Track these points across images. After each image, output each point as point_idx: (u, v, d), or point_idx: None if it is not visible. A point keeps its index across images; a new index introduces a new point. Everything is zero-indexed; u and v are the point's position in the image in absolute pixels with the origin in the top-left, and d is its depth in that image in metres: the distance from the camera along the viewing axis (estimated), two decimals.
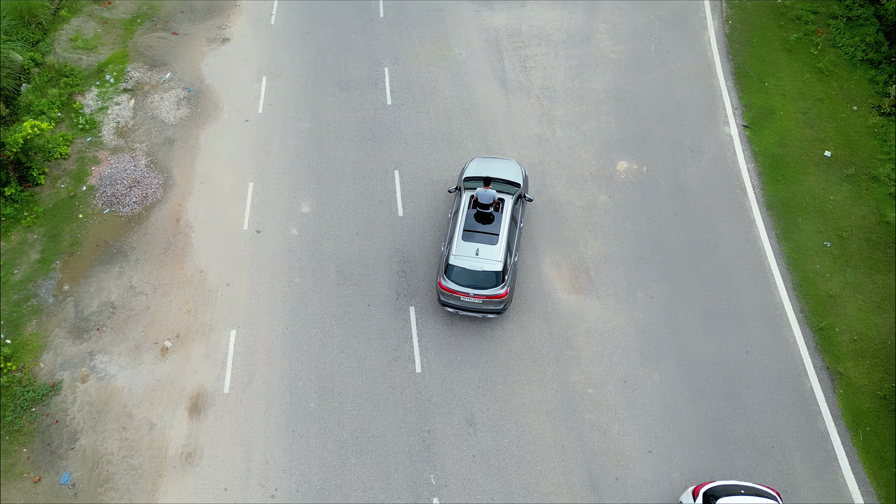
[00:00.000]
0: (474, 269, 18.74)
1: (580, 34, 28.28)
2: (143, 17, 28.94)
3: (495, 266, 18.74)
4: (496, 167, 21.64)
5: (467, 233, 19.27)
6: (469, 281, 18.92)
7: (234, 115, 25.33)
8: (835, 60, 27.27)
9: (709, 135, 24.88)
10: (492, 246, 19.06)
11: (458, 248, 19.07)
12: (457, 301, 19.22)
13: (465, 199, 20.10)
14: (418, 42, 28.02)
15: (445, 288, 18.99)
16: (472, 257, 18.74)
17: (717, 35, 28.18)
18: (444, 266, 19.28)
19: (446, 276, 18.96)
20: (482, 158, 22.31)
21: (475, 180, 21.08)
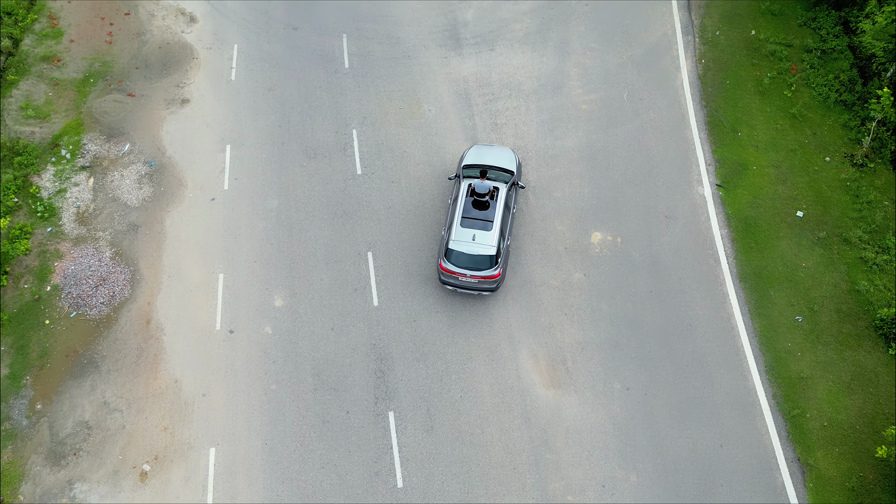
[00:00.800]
0: (471, 252, 20.62)
1: (551, 82, 27.16)
2: (95, 77, 27.18)
3: (490, 250, 20.67)
4: (492, 155, 23.09)
5: (465, 219, 21.10)
6: (466, 263, 20.86)
7: (199, 193, 24.17)
8: (808, 103, 26.51)
9: (682, 197, 24.29)
10: (487, 232, 20.92)
11: (456, 234, 20.93)
12: (455, 280, 21.07)
13: (464, 188, 21.74)
14: (386, 97, 26.72)
15: (445, 269, 20.89)
16: (470, 242, 20.67)
17: (690, 77, 27.19)
18: (444, 250, 21.13)
19: (446, 259, 20.86)
20: (480, 146, 23.74)
21: (473, 167, 22.64)
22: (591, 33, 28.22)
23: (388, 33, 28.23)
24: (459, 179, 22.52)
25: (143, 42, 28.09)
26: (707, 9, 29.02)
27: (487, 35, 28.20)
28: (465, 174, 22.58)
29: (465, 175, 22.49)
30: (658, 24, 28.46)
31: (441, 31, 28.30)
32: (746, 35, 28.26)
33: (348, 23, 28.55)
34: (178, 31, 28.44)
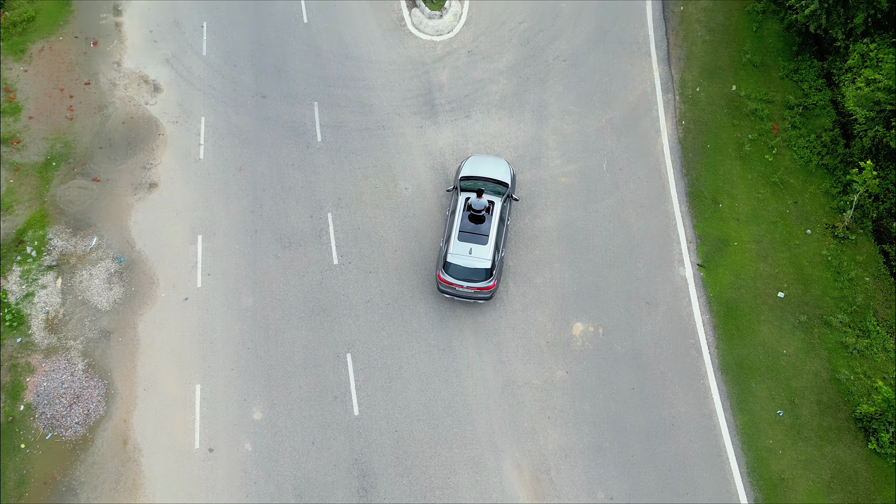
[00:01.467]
0: (468, 266, 21.64)
1: (530, 152, 26.03)
2: (58, 160, 25.76)
3: (485, 264, 21.71)
4: (488, 166, 23.66)
5: (462, 233, 22.03)
6: (463, 275, 21.81)
7: (171, 293, 23.19)
8: (790, 167, 25.70)
9: (664, 279, 23.63)
10: (483, 246, 21.89)
11: (454, 248, 21.85)
12: (453, 290, 22.10)
13: (461, 202, 22.55)
14: (361, 175, 25.57)
15: (444, 280, 21.91)
16: (467, 256, 21.67)
17: (671, 141, 26.20)
18: (442, 262, 22.07)
19: (444, 271, 21.86)
20: (476, 157, 24.20)
21: (470, 179, 23.32)
22: (569, 94, 27.07)
23: (360, 100, 26.92)
24: (457, 191, 23.18)
25: (105, 116, 26.62)
26: (687, 61, 27.88)
27: (463, 100, 26.98)
28: (462, 186, 23.20)
29: (462, 187, 23.16)
30: (638, 80, 27.33)
31: (415, 97, 27.04)
32: (727, 91, 27.23)
33: (319, 88, 27.19)
34: (141, 102, 26.94)
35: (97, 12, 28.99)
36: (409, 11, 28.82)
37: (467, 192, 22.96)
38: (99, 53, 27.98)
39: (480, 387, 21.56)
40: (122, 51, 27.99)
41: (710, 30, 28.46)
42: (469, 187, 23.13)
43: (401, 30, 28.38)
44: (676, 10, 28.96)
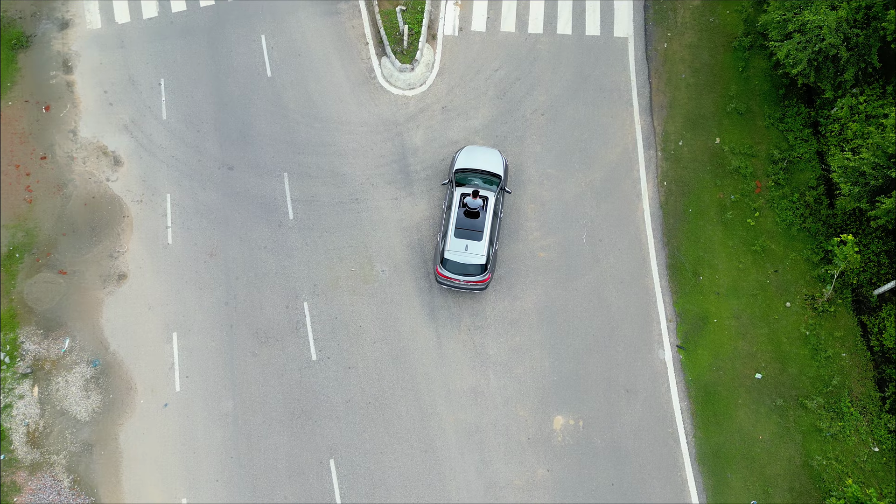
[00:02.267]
0: (464, 262, 22.21)
1: (508, 224, 24.30)
2: (20, 250, 24.40)
3: (480, 259, 22.28)
4: (481, 158, 23.73)
5: (458, 230, 22.37)
6: (460, 270, 22.34)
7: (150, 399, 22.50)
8: (772, 231, 24.83)
9: (643, 364, 23.02)
10: (478, 242, 22.32)
11: (451, 244, 22.28)
12: (450, 283, 22.63)
13: (457, 197, 22.76)
14: (336, 257, 24.43)
15: (442, 275, 22.45)
16: (463, 252, 22.19)
17: (652, 205, 25.10)
18: (440, 258, 22.46)
19: (442, 266, 22.34)
20: (470, 147, 24.17)
21: (464, 172, 23.37)
22: (547, 155, 25.71)
23: (332, 169, 25.43)
24: (452, 185, 23.25)
25: (66, 197, 25.10)
26: (670, 110, 26.41)
27: (439, 164, 25.52)
28: (456, 179, 23.29)
29: (456, 180, 23.25)
30: (619, 136, 25.90)
31: (389, 163, 25.55)
32: (711, 144, 25.95)
33: (288, 157, 25.61)
34: (102, 178, 25.33)
35: (46, 69, 26.83)
36: (378, 61, 26.87)
37: (462, 185, 23.16)
38: (52, 120, 26.10)
39: (464, 490, 21.56)
40: (77, 116, 26.10)
41: (695, 70, 26.86)
42: (463, 180, 23.28)
43: (371, 83, 26.55)
44: (660, 47, 27.21)
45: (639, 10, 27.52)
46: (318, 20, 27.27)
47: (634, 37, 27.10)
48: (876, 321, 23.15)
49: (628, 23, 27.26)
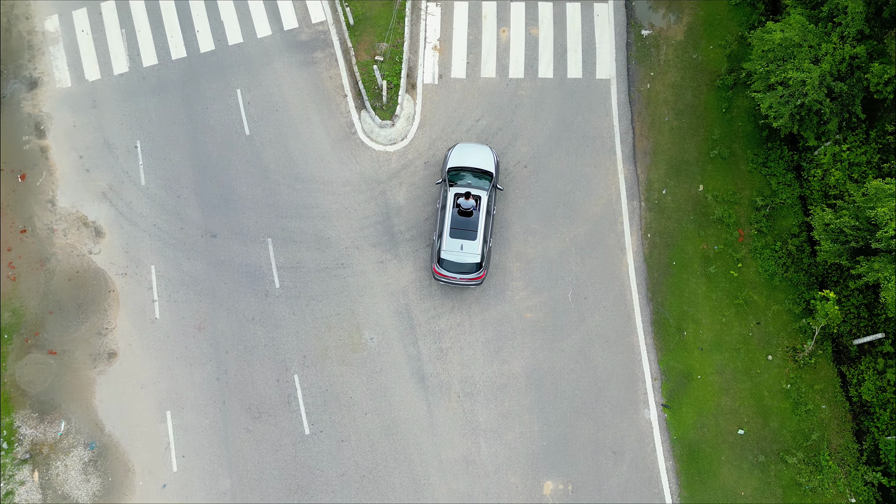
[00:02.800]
0: (460, 261, 22.70)
1: (494, 283, 23.78)
2: (9, 331, 23.98)
3: (475, 258, 22.75)
4: (473, 155, 23.78)
5: (454, 230, 22.70)
6: (456, 269, 22.78)
7: (148, 480, 22.35)
8: (754, 281, 24.66)
9: (630, 424, 22.82)
10: (472, 241, 22.68)
11: (447, 245, 22.65)
12: (446, 280, 23.08)
13: (451, 197, 22.89)
14: (324, 326, 24.13)
15: (439, 273, 22.91)
16: (458, 251, 22.67)
17: (636, 260, 24.78)
18: (437, 258, 22.82)
19: (439, 265, 22.83)
20: (462, 146, 24.04)
21: (457, 170, 23.48)
22: (531, 209, 25.22)
23: (316, 233, 24.88)
24: (445, 183, 23.33)
25: (49, 273, 24.58)
26: (654, 156, 25.88)
27: (423, 224, 24.94)
28: (450, 178, 23.38)
29: (449, 179, 23.36)
30: (602, 186, 25.36)
31: (374, 224, 24.96)
32: (694, 192, 25.54)
33: (271, 221, 25.01)
34: (85, 251, 24.76)
35: (18, 134, 25.84)
36: (358, 115, 26.03)
37: (455, 184, 23.27)
38: (29, 190, 25.33)
39: None
40: (54, 185, 25.33)
41: (678, 112, 26.21)
42: (456, 178, 23.38)
43: (351, 139, 25.81)
44: (643, 88, 26.48)
45: (621, 48, 26.67)
46: (295, 71, 26.30)
47: (617, 78, 26.34)
48: (855, 372, 23.35)
49: (610, 63, 26.46)
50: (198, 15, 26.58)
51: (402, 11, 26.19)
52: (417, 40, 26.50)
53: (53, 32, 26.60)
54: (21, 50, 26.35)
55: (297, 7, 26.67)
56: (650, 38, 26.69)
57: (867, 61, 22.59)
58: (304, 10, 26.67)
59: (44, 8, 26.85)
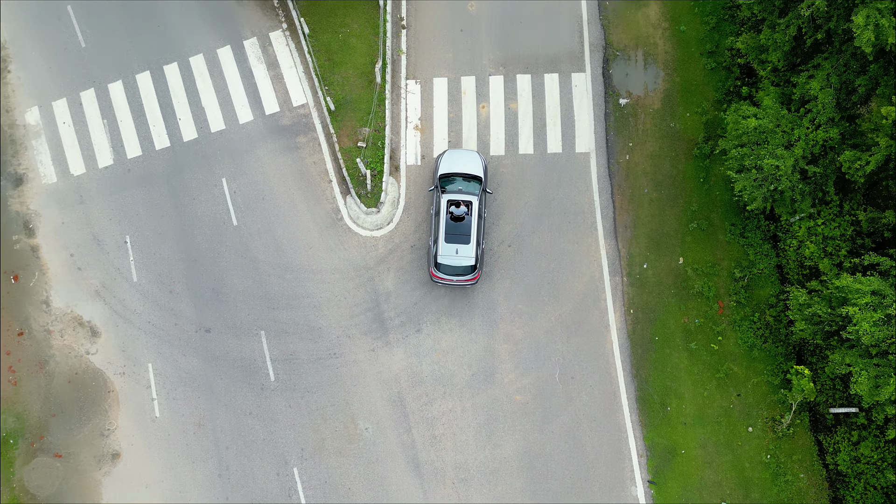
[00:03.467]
0: (455, 264, 23.51)
1: (483, 368, 23.65)
2: (14, 437, 24.13)
3: (470, 261, 23.52)
4: (462, 161, 24.32)
5: (448, 235, 23.43)
6: (452, 272, 23.44)
7: None
8: (734, 353, 24.86)
9: (619, 503, 24.04)
10: (466, 245, 23.38)
11: (443, 250, 23.36)
12: (444, 282, 23.85)
13: (444, 203, 23.46)
14: (320, 418, 24.17)
15: (436, 276, 23.63)
16: (454, 255, 23.50)
17: (620, 336, 24.98)
18: (433, 261, 23.50)
19: (436, 269, 23.62)
20: (451, 152, 24.48)
21: (448, 176, 24.12)
22: (517, 289, 25.15)
23: (307, 323, 24.84)
24: (437, 190, 23.89)
25: (49, 375, 24.62)
26: (634, 230, 25.90)
27: (412, 309, 25.07)
28: (442, 185, 23.91)
29: (441, 186, 23.90)
30: (585, 263, 25.31)
31: (364, 312, 24.83)
32: (674, 265, 25.60)
33: (263, 313, 24.95)
34: (82, 351, 24.76)
35: (8, 233, 25.47)
36: (343, 200, 25.86)
37: (447, 190, 23.90)
38: (23, 291, 25.23)
39: None
40: (47, 285, 25.21)
41: (657, 183, 26.20)
42: (448, 184, 24.00)
43: (338, 225, 25.71)
44: (622, 160, 26.42)
45: (599, 119, 26.47)
46: (279, 157, 26.05)
47: (596, 151, 26.18)
48: (832, 440, 24.00)
49: (589, 136, 26.30)
50: (179, 102, 26.22)
51: (383, 94, 26.02)
52: (399, 121, 26.30)
53: (35, 125, 26.17)
54: (4, 145, 25.92)
55: (277, 91, 26.32)
56: (628, 108, 26.58)
57: (840, 142, 22.68)
58: (284, 93, 26.36)
59: (23, 100, 26.34)
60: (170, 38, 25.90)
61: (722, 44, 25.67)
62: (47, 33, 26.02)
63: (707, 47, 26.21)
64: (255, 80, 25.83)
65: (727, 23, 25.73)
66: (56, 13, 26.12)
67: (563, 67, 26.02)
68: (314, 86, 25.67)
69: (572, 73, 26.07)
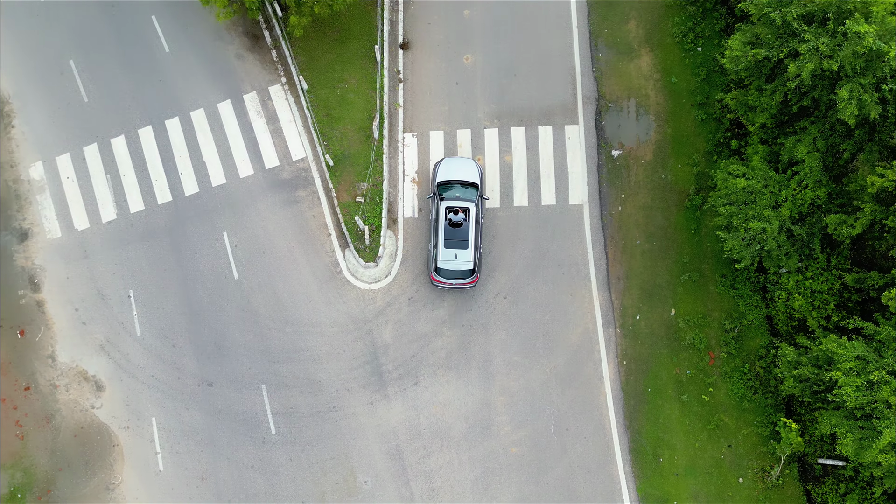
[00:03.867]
0: (455, 269, 24.17)
1: (480, 420, 23.88)
2: (21, 490, 24.41)
3: (468, 265, 24.15)
4: (460, 168, 24.82)
5: (448, 241, 24.02)
6: (452, 276, 24.11)
7: None
8: (725, 404, 25.17)
9: None
10: (464, 250, 24.03)
11: (442, 255, 23.98)
12: (444, 286, 24.44)
13: (443, 210, 24.07)
14: (320, 471, 24.26)
15: (436, 280, 24.25)
16: (453, 260, 24.12)
17: (613, 388, 25.20)
18: (434, 266, 24.11)
19: (437, 274, 24.23)
20: (449, 160, 24.95)
21: (446, 184, 24.63)
22: (512, 341, 25.49)
23: (307, 376, 25.17)
24: (436, 197, 24.42)
25: (55, 429, 24.96)
26: (627, 282, 26.28)
27: (409, 361, 25.52)
28: (440, 192, 24.43)
29: (440, 193, 24.43)
30: (579, 315, 25.58)
31: (362, 365, 25.27)
32: (666, 316, 25.98)
33: (264, 366, 25.32)
34: (87, 406, 25.13)
35: (14, 288, 25.93)
36: (342, 253, 26.22)
37: (444, 196, 24.46)
38: (29, 346, 25.59)
39: None
40: (53, 340, 25.58)
41: (649, 235, 26.56)
42: (445, 191, 24.55)
43: (337, 278, 26.11)
44: (615, 211, 26.80)
45: (592, 171, 26.82)
46: (279, 211, 26.42)
47: (589, 202, 26.56)
48: (820, 491, 24.36)
49: (583, 187, 26.66)
50: (180, 156, 26.61)
51: (380, 149, 26.42)
52: (396, 174, 26.67)
53: (39, 180, 26.56)
54: (9, 200, 26.34)
55: (277, 144, 26.71)
56: (620, 159, 26.98)
57: (828, 201, 23.07)
58: (284, 147, 26.75)
59: (27, 154, 26.72)
60: (171, 92, 26.26)
61: (712, 95, 26.08)
62: (50, 88, 26.36)
63: (698, 99, 26.58)
64: (254, 133, 26.19)
65: (717, 74, 26.13)
66: (59, 67, 26.48)
67: (556, 120, 26.40)
68: (313, 140, 26.07)
69: (566, 126, 26.47)
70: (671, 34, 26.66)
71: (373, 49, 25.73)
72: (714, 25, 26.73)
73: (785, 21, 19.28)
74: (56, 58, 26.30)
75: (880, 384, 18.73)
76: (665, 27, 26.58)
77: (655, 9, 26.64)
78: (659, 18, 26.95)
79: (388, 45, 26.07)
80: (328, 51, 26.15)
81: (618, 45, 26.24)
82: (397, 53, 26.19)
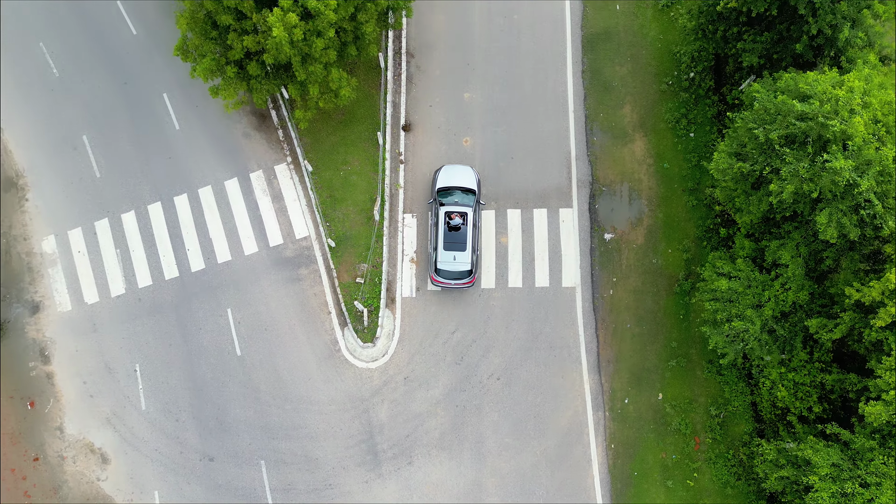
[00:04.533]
0: (454, 269, 25.45)
1: (471, 502, 24.53)
2: None
3: (466, 266, 25.42)
4: (458, 176, 26.02)
5: (447, 243, 25.33)
6: (451, 276, 25.37)
7: None
8: (709, 489, 25.42)
9: None
10: (463, 252, 25.34)
11: (442, 257, 25.29)
12: (443, 286, 25.59)
13: (442, 215, 25.32)
14: None
15: (436, 280, 25.43)
16: (452, 262, 25.41)
17: (601, 471, 25.41)
18: (434, 267, 25.37)
19: (436, 274, 25.45)
20: (447, 168, 26.11)
21: (445, 190, 25.76)
22: (504, 423, 26.20)
23: (305, 454, 25.92)
24: (436, 203, 25.55)
25: (62, 500, 25.67)
26: (617, 365, 26.90)
27: (404, 441, 26.23)
28: (439, 198, 25.57)
29: (439, 199, 25.58)
30: (569, 396, 26.16)
31: (358, 444, 25.96)
32: (654, 400, 26.55)
33: (263, 443, 26.11)
34: (93, 478, 25.92)
35: (24, 360, 26.73)
36: (341, 332, 26.88)
37: (444, 202, 25.57)
38: (38, 418, 26.40)
39: None
40: (61, 412, 26.39)
41: (639, 318, 27.12)
42: (445, 197, 25.69)
43: (335, 356, 26.80)
44: (606, 295, 27.43)
45: (585, 254, 27.45)
46: (281, 288, 27.13)
47: (582, 285, 27.20)
48: None
49: (575, 270, 27.28)
50: (188, 233, 27.33)
51: (381, 231, 27.12)
52: (395, 254, 27.34)
53: (51, 254, 27.30)
54: (21, 272, 27.12)
55: (281, 223, 27.41)
56: (612, 243, 27.60)
57: (809, 302, 23.66)
58: (287, 225, 27.44)
59: (40, 228, 27.48)
60: (180, 169, 27.03)
61: (703, 181, 26.73)
62: (64, 162, 27.14)
63: (689, 185, 27.21)
64: (260, 212, 26.90)
65: (708, 161, 26.75)
66: (72, 143, 27.26)
67: (551, 202, 27.08)
68: (316, 220, 26.77)
69: (560, 209, 27.12)
70: (665, 119, 27.35)
71: (375, 133, 26.53)
72: (706, 112, 27.42)
73: (768, 139, 19.99)
74: (70, 133, 27.13)
75: (853, 495, 19.31)
76: (659, 112, 27.28)
77: (650, 94, 27.35)
78: (653, 104, 27.64)
79: (390, 128, 26.87)
80: (333, 133, 26.91)
81: (612, 130, 26.97)
82: (399, 135, 26.95)
